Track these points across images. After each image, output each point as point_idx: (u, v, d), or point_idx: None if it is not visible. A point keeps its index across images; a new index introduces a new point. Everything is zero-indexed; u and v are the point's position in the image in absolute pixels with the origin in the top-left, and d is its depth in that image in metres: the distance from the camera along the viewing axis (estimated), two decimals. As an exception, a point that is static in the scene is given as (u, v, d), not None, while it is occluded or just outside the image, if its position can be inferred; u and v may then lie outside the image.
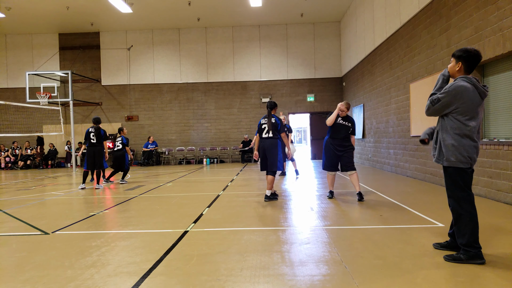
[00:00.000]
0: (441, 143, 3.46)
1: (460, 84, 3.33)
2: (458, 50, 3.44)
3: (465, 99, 3.31)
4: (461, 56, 3.40)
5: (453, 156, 3.39)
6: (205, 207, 6.46)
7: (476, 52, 3.38)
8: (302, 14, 17.57)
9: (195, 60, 19.20)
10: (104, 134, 9.54)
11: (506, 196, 6.08)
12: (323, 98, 19.03)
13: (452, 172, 3.43)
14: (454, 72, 3.47)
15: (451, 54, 3.52)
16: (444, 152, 3.44)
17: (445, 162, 3.44)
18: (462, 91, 3.30)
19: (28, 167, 18.41)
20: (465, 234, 3.35)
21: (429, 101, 3.45)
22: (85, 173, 9.60)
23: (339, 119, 6.84)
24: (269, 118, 7.03)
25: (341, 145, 6.82)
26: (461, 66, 3.41)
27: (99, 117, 9.77)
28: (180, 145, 19.31)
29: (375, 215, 5.55)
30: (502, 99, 6.51)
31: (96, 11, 16.55)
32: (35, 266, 3.63)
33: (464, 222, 3.37)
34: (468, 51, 3.38)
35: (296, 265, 3.49)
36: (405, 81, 10.37)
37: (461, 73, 3.45)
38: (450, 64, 3.51)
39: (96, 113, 19.38)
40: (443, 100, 3.35)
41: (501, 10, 6.13)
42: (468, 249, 3.35)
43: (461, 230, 3.39)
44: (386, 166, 12.22)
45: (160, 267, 3.51)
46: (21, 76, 18.92)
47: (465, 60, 3.39)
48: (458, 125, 3.36)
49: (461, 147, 3.36)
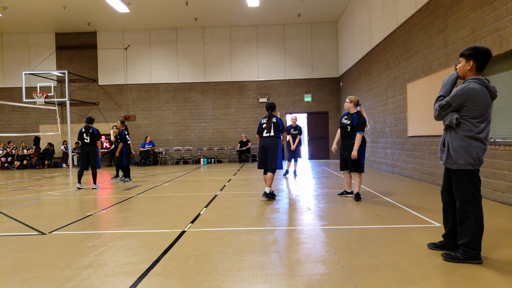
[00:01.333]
0: (449, 145, 3.39)
1: (471, 87, 3.23)
2: (467, 49, 3.34)
3: (477, 102, 3.22)
4: (471, 54, 3.29)
5: (462, 158, 3.32)
6: (203, 207, 6.45)
7: (487, 49, 3.28)
8: (300, 14, 17.59)
9: (192, 60, 19.19)
10: (97, 133, 9.46)
11: (502, 196, 6.11)
12: (320, 98, 19.05)
13: (461, 175, 3.36)
14: (465, 72, 3.36)
15: (460, 54, 3.40)
16: (453, 154, 3.36)
17: (454, 165, 3.37)
18: (474, 94, 3.22)
19: (24, 167, 18.33)
20: (468, 236, 3.33)
21: (438, 106, 3.36)
22: (80, 173, 9.56)
23: (343, 117, 6.87)
24: (270, 118, 7.06)
25: (343, 144, 6.83)
26: (473, 64, 3.31)
27: (92, 117, 9.64)
28: (177, 145, 19.29)
29: (372, 214, 5.56)
30: (498, 99, 6.53)
31: (93, 11, 16.51)
32: (32, 267, 3.61)
33: (469, 224, 3.33)
34: (478, 49, 3.28)
35: (294, 265, 3.50)
36: (402, 81, 10.40)
37: (472, 73, 3.34)
38: (460, 64, 3.39)
39: (93, 113, 19.33)
40: (454, 104, 3.27)
41: (497, 11, 6.16)
42: (467, 250, 3.34)
43: (464, 231, 3.36)
44: (383, 166, 12.25)
45: (158, 267, 3.50)
46: (17, 75, 18.82)
47: (476, 58, 3.28)
48: (469, 128, 3.27)
49: (471, 149, 3.29)
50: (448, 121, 3.33)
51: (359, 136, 6.53)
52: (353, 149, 6.54)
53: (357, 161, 6.61)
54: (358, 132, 6.54)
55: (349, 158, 6.69)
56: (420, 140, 9.26)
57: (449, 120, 3.31)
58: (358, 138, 6.52)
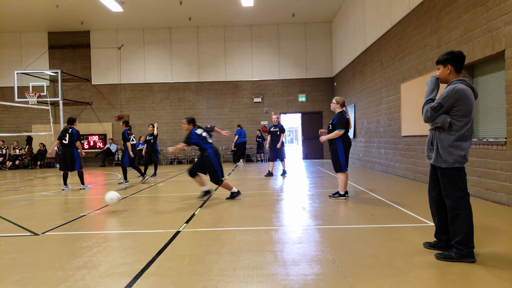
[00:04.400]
0: (439, 144, 3.47)
1: (460, 87, 3.36)
2: (442, 56, 3.52)
3: (466, 102, 3.35)
4: (447, 58, 3.47)
5: (451, 157, 3.41)
6: (197, 207, 6.44)
7: (460, 51, 3.46)
8: (294, 14, 17.61)
9: (186, 60, 19.13)
10: (76, 134, 9.21)
11: (495, 195, 6.17)
12: (315, 98, 19.10)
13: (450, 173, 3.44)
14: (446, 76, 3.51)
15: (436, 62, 3.59)
16: (442, 153, 3.44)
17: (443, 163, 3.45)
18: (463, 94, 3.34)
19: (16, 167, 18.16)
20: (461, 233, 3.38)
21: (430, 108, 3.44)
22: (64, 175, 9.42)
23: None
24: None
25: (329, 144, 6.91)
26: (451, 68, 3.47)
27: (73, 117, 9.42)
28: (171, 145, 19.18)
29: (367, 214, 5.58)
30: (491, 99, 6.60)
31: (86, 10, 16.39)
32: (25, 268, 3.58)
33: (460, 221, 3.39)
34: (452, 52, 3.46)
35: (289, 264, 3.50)
36: (395, 81, 10.46)
37: (453, 75, 3.49)
38: (439, 71, 3.55)
39: (86, 113, 19.22)
40: (446, 105, 3.37)
41: (490, 12, 6.21)
42: (461, 248, 3.38)
43: (456, 229, 3.42)
44: (377, 166, 12.31)
45: (153, 268, 3.49)
46: (9, 75, 18.64)
47: (453, 61, 3.45)
48: (458, 127, 3.38)
49: (460, 148, 3.39)
50: (440, 123, 3.41)
51: (337, 132, 6.63)
52: (324, 137, 6.82)
53: (336, 161, 6.73)
54: (337, 129, 6.63)
55: (331, 158, 6.85)
56: (414, 140, 9.32)
57: (442, 122, 3.40)
58: (335, 132, 6.65)
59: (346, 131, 6.68)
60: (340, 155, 6.68)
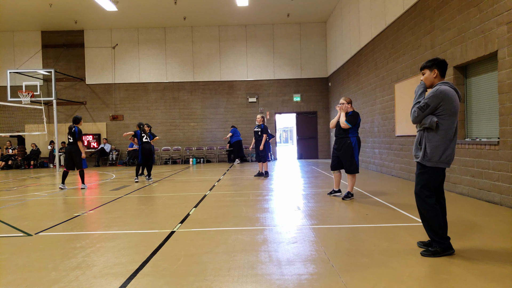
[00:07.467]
0: (427, 144, 3.61)
1: (444, 88, 3.55)
2: (427, 62, 3.75)
3: (451, 101, 3.53)
4: (433, 63, 3.70)
5: (437, 156, 3.57)
6: (192, 207, 6.42)
7: (443, 59, 3.72)
8: (289, 14, 17.63)
9: (181, 59, 19.08)
10: (78, 133, 9.29)
11: (488, 194, 6.22)
12: (309, 98, 19.13)
13: (430, 171, 3.62)
14: (432, 80, 3.72)
15: (421, 68, 3.82)
16: (429, 152, 3.59)
17: (428, 162, 3.60)
18: (448, 94, 3.52)
19: (9, 168, 18.01)
20: (435, 228, 3.58)
21: (417, 108, 3.60)
22: (64, 173, 9.44)
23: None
24: None
25: (337, 143, 6.89)
26: (437, 72, 3.68)
27: (78, 116, 9.47)
28: (166, 145, 19.16)
29: (361, 214, 5.60)
30: (484, 99, 6.65)
31: (80, 9, 16.28)
32: (18, 269, 3.55)
33: (432, 217, 3.60)
34: (435, 59, 3.71)
35: (284, 264, 3.50)
36: (390, 82, 10.51)
37: (438, 79, 3.70)
38: (425, 76, 3.75)
39: (81, 113, 19.08)
40: (432, 104, 3.54)
41: (483, 12, 6.26)
42: (442, 241, 3.57)
43: (430, 225, 3.62)
44: (371, 166, 12.36)
45: (147, 268, 3.47)
46: (2, 74, 18.48)
47: (438, 66, 3.68)
48: (445, 127, 3.54)
49: (447, 148, 3.57)
50: (428, 124, 3.58)
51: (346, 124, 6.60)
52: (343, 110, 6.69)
53: (353, 163, 6.68)
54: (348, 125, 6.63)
55: (343, 159, 6.76)
56: (408, 140, 9.37)
57: (429, 122, 3.57)
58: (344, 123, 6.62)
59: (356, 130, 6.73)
60: (356, 155, 6.68)
